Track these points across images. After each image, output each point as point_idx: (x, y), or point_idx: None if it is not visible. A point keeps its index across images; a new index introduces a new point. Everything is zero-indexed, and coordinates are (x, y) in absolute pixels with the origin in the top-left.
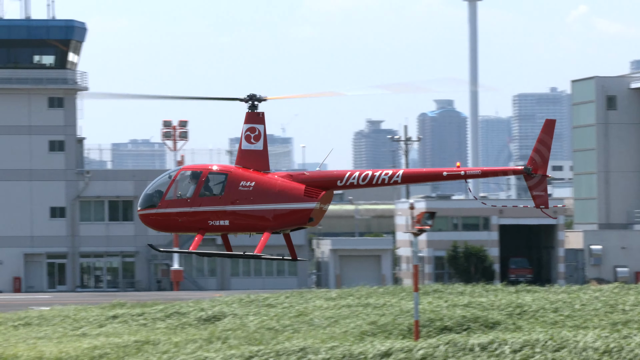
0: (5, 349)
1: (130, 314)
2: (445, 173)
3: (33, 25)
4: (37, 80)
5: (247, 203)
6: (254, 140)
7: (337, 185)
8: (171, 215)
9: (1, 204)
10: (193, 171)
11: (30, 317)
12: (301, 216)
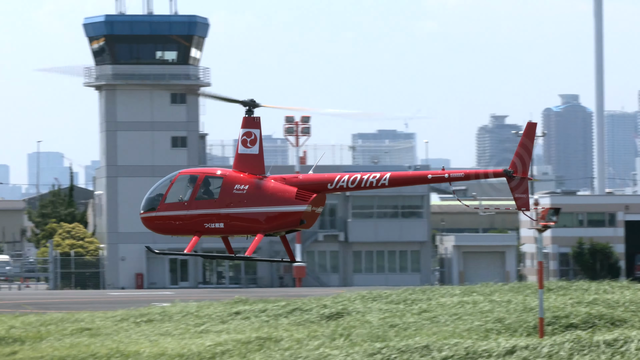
0: (127, 345)
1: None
2: (430, 176)
3: (155, 21)
4: (160, 76)
5: (240, 206)
6: (250, 144)
7: (327, 189)
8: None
9: (124, 200)
10: (190, 175)
11: (153, 314)
12: (292, 219)
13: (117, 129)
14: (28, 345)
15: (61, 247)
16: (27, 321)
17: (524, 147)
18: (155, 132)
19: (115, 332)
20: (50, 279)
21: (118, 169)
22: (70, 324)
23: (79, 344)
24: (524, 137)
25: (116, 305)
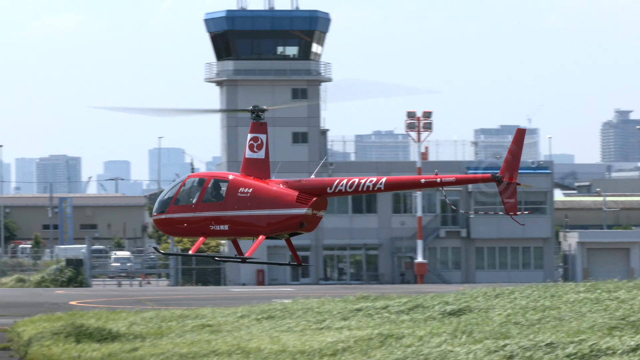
0: (248, 342)
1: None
2: (423, 180)
3: (277, 16)
4: (281, 72)
5: (244, 209)
6: (256, 149)
7: (327, 192)
8: (178, 220)
9: None
10: (198, 178)
11: (274, 310)
12: (293, 221)
13: (238, 124)
14: (149, 341)
15: (182, 243)
16: (147, 317)
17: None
18: (276, 127)
19: (236, 328)
20: (171, 275)
21: (239, 164)
22: (191, 321)
23: (199, 340)
24: (513, 143)
25: (237, 301)
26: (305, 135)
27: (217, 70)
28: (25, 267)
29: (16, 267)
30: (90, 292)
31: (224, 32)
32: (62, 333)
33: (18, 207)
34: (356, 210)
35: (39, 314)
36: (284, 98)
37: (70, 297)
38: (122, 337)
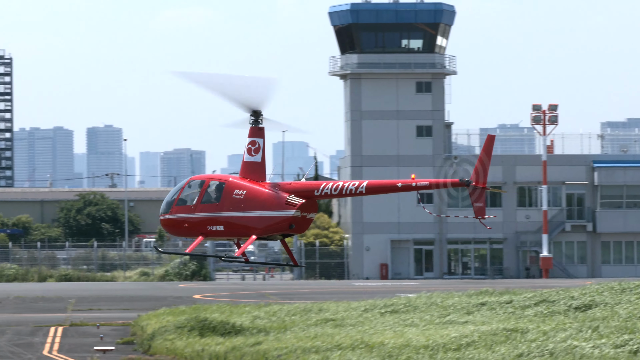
0: (372, 336)
1: (498, 301)
2: (400, 184)
3: (401, 9)
4: (405, 65)
5: (237, 210)
6: (254, 152)
7: (314, 195)
8: (179, 220)
9: None
10: (199, 180)
11: (397, 304)
12: (282, 223)
13: (362, 118)
14: (272, 335)
15: (306, 237)
16: (271, 311)
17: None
18: (400, 121)
19: (359, 322)
20: (294, 269)
21: (363, 158)
22: (314, 314)
23: (322, 334)
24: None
25: (360, 295)
26: (429, 128)
27: (341, 63)
28: (149, 261)
29: (140, 261)
30: (213, 285)
31: (349, 26)
32: (186, 327)
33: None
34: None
35: (163, 307)
36: (408, 91)
37: (194, 290)
38: (245, 331)
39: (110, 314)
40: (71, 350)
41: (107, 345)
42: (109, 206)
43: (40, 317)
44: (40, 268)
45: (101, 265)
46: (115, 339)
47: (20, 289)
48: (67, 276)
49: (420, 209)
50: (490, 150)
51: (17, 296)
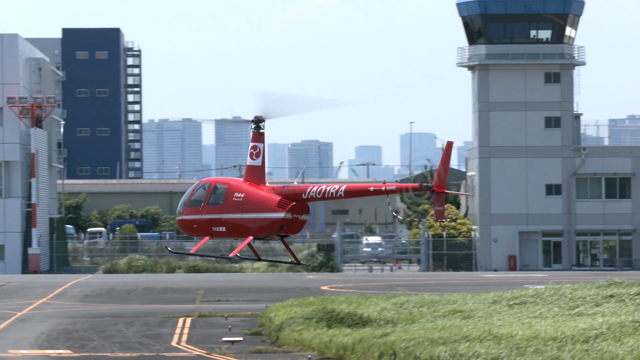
0: (500, 328)
1: (627, 293)
2: (371, 188)
3: (530, 0)
4: (533, 56)
5: (236, 212)
6: (255, 156)
7: (302, 198)
8: (189, 221)
9: (497, 181)
10: (207, 184)
11: (525, 296)
12: (273, 224)
13: (490, 109)
14: (400, 327)
15: (433, 229)
16: (399, 303)
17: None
18: (528, 112)
19: (487, 314)
20: (422, 260)
21: (490, 149)
22: (442, 306)
23: (450, 326)
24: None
25: (488, 287)
26: (558, 119)
27: (469, 54)
28: (278, 252)
29: (268, 252)
30: (341, 277)
31: (477, 16)
32: (314, 318)
33: None
34: (609, 196)
35: (291, 299)
36: (536, 82)
37: (322, 282)
38: (372, 323)
39: (238, 305)
40: (199, 341)
41: (235, 336)
42: None
43: (169, 308)
44: (168, 259)
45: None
46: (244, 330)
47: (149, 280)
48: (195, 267)
49: (550, 200)
50: (449, 155)
51: (145, 287)
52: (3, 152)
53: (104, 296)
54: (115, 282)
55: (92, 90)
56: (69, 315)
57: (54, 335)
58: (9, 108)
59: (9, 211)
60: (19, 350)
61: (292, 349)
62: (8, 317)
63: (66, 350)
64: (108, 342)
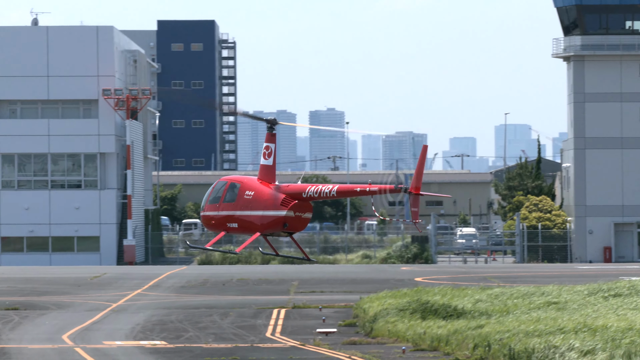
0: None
1: None
2: (358, 189)
3: None
4: (629, 47)
5: (246, 209)
6: (267, 156)
7: (302, 197)
8: (209, 217)
9: (592, 173)
10: (223, 181)
11: (621, 288)
12: (277, 222)
13: (585, 100)
14: (494, 318)
15: (528, 220)
16: (493, 295)
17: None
18: (624, 103)
19: (582, 306)
20: (516, 252)
21: (586, 141)
22: (536, 298)
23: (545, 317)
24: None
25: (583, 279)
26: None
27: (565, 45)
28: (371, 244)
29: (362, 244)
30: (435, 268)
31: (572, 7)
32: (408, 309)
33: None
34: None
35: (385, 290)
36: (632, 73)
37: (416, 273)
38: (467, 314)
39: (332, 297)
40: (293, 332)
41: (330, 327)
42: None
43: (263, 299)
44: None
45: (323, 248)
46: (338, 321)
47: (244, 271)
48: (290, 259)
49: None
50: (424, 159)
51: (240, 278)
52: (99, 143)
53: (199, 287)
54: (210, 273)
55: (187, 82)
56: (164, 306)
57: (148, 327)
58: (105, 100)
59: (105, 203)
60: (114, 342)
61: (386, 341)
62: (103, 308)
63: (161, 342)
64: (203, 333)
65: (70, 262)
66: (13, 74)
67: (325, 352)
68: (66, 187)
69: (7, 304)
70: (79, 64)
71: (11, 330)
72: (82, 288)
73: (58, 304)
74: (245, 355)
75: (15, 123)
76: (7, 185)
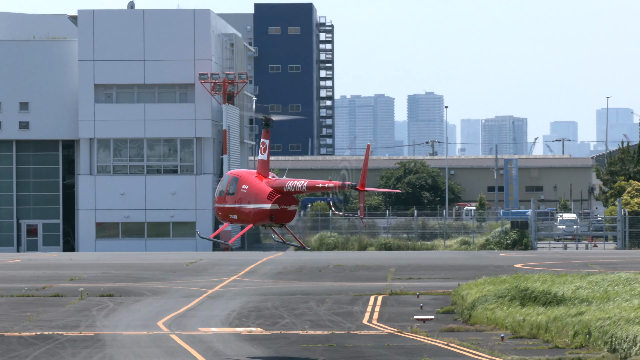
0: None
1: None
2: (320, 185)
3: None
4: None
5: (242, 202)
6: (262, 152)
7: (284, 191)
8: (219, 208)
9: None
10: (228, 175)
11: None
12: (264, 214)
13: None
14: (595, 305)
15: (630, 206)
16: (594, 281)
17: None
18: None
19: None
20: (618, 238)
21: None
22: (638, 285)
23: None
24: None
25: None
26: None
27: None
28: (470, 230)
29: (460, 230)
30: (535, 255)
31: None
32: (507, 296)
33: (463, 168)
34: None
35: (483, 276)
36: None
37: (515, 259)
38: (567, 301)
39: (430, 283)
40: (390, 319)
41: (427, 314)
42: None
43: (360, 285)
44: (360, 236)
45: (421, 234)
46: (435, 308)
47: (340, 257)
48: (387, 245)
49: None
50: (368, 157)
51: (336, 265)
52: (195, 128)
53: (295, 274)
54: (306, 259)
55: (285, 66)
56: (260, 292)
57: (244, 313)
58: (201, 84)
59: (201, 188)
60: (210, 328)
61: (484, 328)
62: (199, 294)
63: (257, 328)
64: (299, 319)
65: (165, 248)
66: (109, 58)
67: (423, 339)
68: (162, 172)
69: (101, 290)
70: (176, 47)
71: (106, 317)
72: (178, 274)
73: (153, 290)
74: (342, 342)
75: (111, 108)
76: (102, 170)
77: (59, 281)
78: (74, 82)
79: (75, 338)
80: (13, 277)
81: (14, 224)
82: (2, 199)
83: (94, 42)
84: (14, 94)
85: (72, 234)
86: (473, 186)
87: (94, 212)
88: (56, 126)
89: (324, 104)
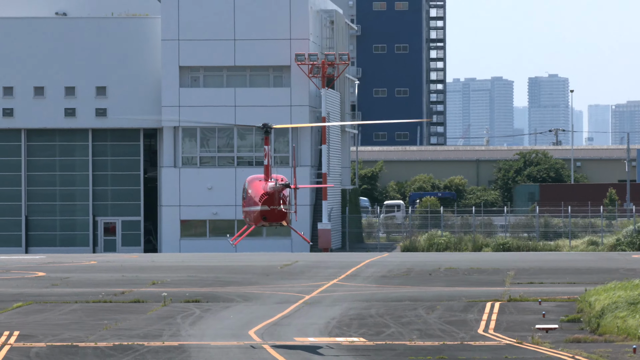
0: None
1: None
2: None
3: None
4: None
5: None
6: (264, 157)
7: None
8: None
9: None
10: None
11: None
12: (258, 215)
13: None
14: None
15: None
16: None
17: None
18: None
19: None
20: None
21: None
22: None
23: None
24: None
25: None
26: None
27: None
28: (598, 228)
29: (588, 228)
30: None
31: None
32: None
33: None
34: None
35: (614, 281)
36: None
37: None
38: None
39: (554, 288)
40: (509, 328)
41: (550, 323)
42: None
43: (475, 290)
44: (474, 236)
45: (544, 233)
46: (559, 316)
47: (452, 259)
48: (505, 245)
49: None
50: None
51: (448, 267)
52: (290, 115)
53: (402, 277)
54: (415, 261)
55: (391, 45)
56: (363, 298)
57: (345, 321)
58: (298, 66)
59: (298, 181)
60: (307, 338)
61: (614, 338)
62: (295, 300)
63: (359, 338)
64: (406, 329)
65: (258, 248)
66: (196, 37)
67: (546, 351)
68: (254, 164)
69: (187, 295)
70: (269, 26)
71: (191, 325)
72: (271, 278)
73: (244, 296)
74: (454, 354)
75: (197, 92)
76: (187, 162)
77: (139, 285)
78: (157, 65)
79: (157, 349)
80: (88, 281)
81: (90, 221)
82: (77, 194)
83: (179, 20)
84: (89, 77)
85: (154, 233)
86: (601, 180)
87: (178, 208)
88: (137, 113)
89: (434, 87)
